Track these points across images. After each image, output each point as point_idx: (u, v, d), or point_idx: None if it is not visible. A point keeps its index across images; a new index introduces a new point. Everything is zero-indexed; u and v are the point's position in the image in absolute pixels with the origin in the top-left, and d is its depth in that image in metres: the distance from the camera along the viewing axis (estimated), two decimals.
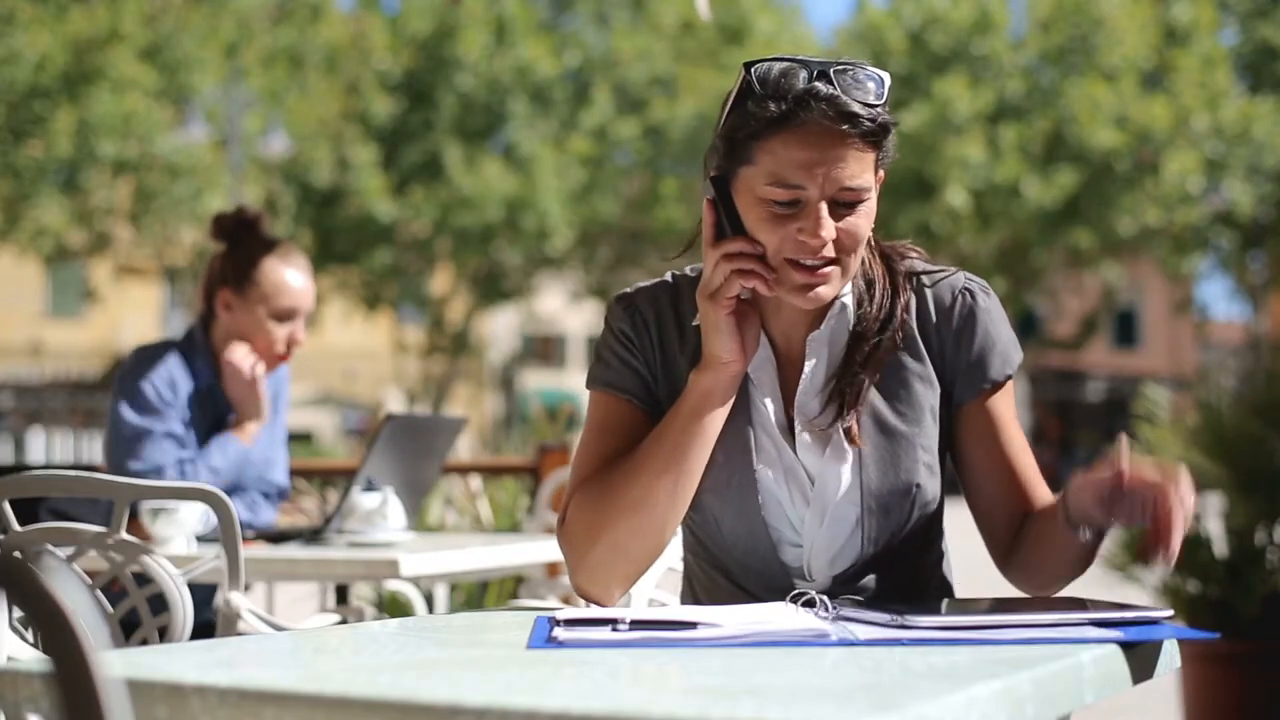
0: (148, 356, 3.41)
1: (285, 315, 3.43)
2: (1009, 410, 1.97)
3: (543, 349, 41.53)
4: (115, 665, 1.39)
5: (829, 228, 1.80)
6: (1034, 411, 41.56)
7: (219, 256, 3.49)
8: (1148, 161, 27.37)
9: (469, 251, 27.27)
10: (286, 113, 25.42)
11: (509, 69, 26.86)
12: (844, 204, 1.82)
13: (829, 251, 1.82)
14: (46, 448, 22.88)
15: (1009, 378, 1.96)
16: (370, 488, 3.25)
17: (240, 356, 3.41)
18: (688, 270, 2.02)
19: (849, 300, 1.95)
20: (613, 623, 1.60)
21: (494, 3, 27.20)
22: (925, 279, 1.98)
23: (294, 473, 3.72)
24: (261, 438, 3.53)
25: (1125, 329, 43.66)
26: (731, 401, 1.90)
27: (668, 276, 2.03)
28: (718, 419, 1.88)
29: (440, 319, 29.69)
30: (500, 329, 38.25)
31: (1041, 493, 1.96)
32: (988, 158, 27.05)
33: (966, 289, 1.96)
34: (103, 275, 26.69)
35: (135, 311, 33.06)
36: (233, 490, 3.40)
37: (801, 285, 1.84)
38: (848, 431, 1.90)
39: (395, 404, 29.81)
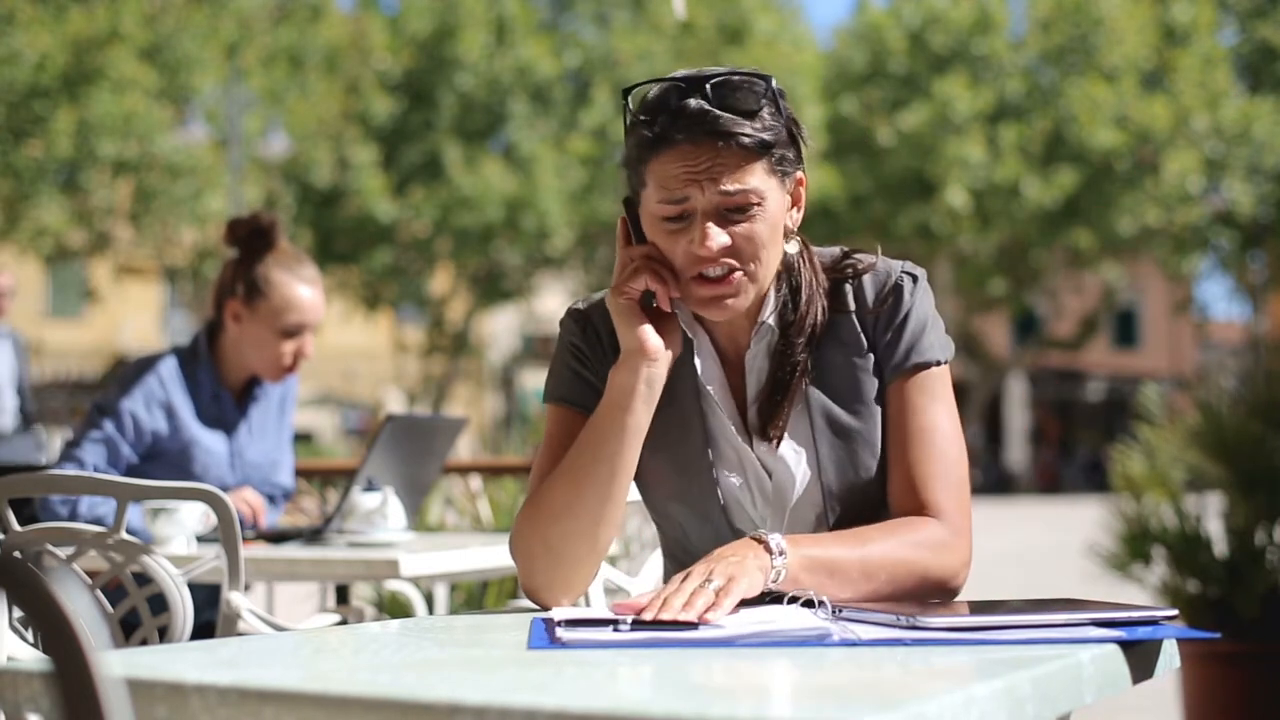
0: (141, 370, 3.37)
1: (294, 331, 3.40)
2: (919, 401, 1.92)
3: (543, 349, 41.52)
4: (115, 665, 1.39)
5: (715, 237, 1.84)
6: (1034, 411, 41.56)
7: (230, 264, 3.44)
8: (1148, 161, 27.39)
9: (469, 251, 27.28)
10: (286, 113, 25.43)
11: (509, 69, 26.87)
12: (734, 211, 1.85)
13: (731, 260, 1.86)
14: (47, 448, 22.86)
15: (921, 367, 1.93)
16: (370, 488, 3.25)
17: (243, 505, 3.35)
18: None
19: (772, 320, 1.96)
20: (613, 623, 1.60)
21: (494, 3, 27.21)
22: (864, 271, 1.98)
23: (295, 473, 3.71)
24: (268, 440, 3.52)
25: (1125, 329, 43.67)
26: (656, 396, 1.90)
27: None
28: (640, 413, 1.89)
29: (440, 319, 29.70)
30: (500, 329, 38.26)
31: (906, 497, 1.90)
32: (988, 158, 27.05)
33: (899, 279, 1.97)
34: (103, 275, 26.71)
35: (135, 311, 33.06)
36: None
37: (708, 298, 1.87)
38: (778, 436, 1.93)
39: (395, 404, 29.82)
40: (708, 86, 1.83)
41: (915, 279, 1.97)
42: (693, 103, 1.82)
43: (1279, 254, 30.05)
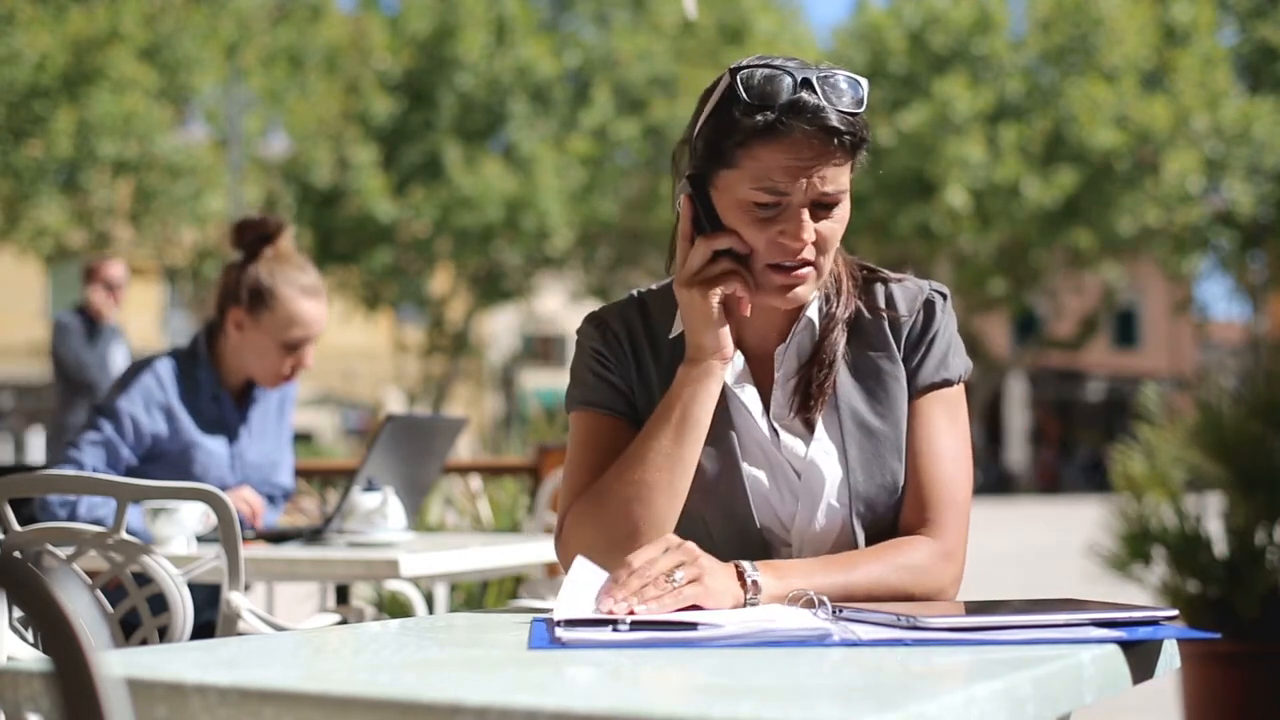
0: (139, 372, 3.36)
1: (296, 345, 3.41)
2: (936, 419, 1.96)
3: (543, 349, 41.55)
4: (115, 665, 1.39)
5: (810, 231, 1.86)
6: (1034, 411, 41.55)
7: (235, 268, 3.42)
8: (1148, 161, 27.40)
9: (469, 251, 27.29)
10: (286, 113, 25.44)
11: (509, 69, 26.88)
12: (822, 207, 1.87)
13: (808, 254, 1.88)
14: (46, 448, 22.85)
15: (944, 384, 1.98)
16: (370, 488, 3.25)
17: (242, 505, 3.34)
18: (652, 286, 2.07)
19: (814, 314, 1.99)
20: (613, 623, 1.60)
21: (494, 3, 27.21)
22: (894, 284, 2.02)
23: (295, 473, 3.71)
24: (268, 440, 3.52)
25: (1125, 329, 43.68)
26: (718, 396, 1.92)
27: (633, 293, 2.07)
28: (708, 412, 1.91)
29: (440, 319, 29.71)
30: (500, 329, 38.26)
31: (909, 511, 1.93)
32: (988, 158, 27.06)
33: (930, 295, 2.01)
34: None
35: (135, 311, 33.02)
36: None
37: (780, 286, 1.89)
38: (807, 430, 1.94)
39: (395, 404, 29.80)
40: (815, 80, 1.84)
41: (945, 297, 2.02)
42: (810, 97, 1.83)
43: (1279, 254, 30.06)
